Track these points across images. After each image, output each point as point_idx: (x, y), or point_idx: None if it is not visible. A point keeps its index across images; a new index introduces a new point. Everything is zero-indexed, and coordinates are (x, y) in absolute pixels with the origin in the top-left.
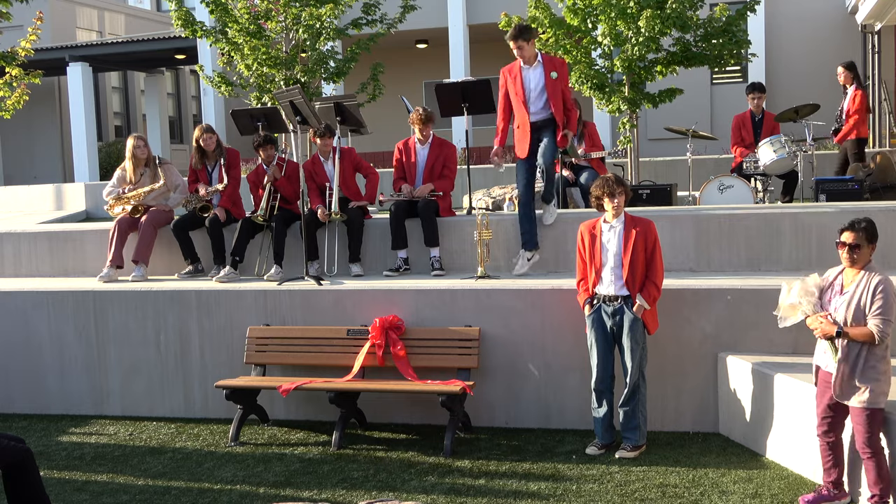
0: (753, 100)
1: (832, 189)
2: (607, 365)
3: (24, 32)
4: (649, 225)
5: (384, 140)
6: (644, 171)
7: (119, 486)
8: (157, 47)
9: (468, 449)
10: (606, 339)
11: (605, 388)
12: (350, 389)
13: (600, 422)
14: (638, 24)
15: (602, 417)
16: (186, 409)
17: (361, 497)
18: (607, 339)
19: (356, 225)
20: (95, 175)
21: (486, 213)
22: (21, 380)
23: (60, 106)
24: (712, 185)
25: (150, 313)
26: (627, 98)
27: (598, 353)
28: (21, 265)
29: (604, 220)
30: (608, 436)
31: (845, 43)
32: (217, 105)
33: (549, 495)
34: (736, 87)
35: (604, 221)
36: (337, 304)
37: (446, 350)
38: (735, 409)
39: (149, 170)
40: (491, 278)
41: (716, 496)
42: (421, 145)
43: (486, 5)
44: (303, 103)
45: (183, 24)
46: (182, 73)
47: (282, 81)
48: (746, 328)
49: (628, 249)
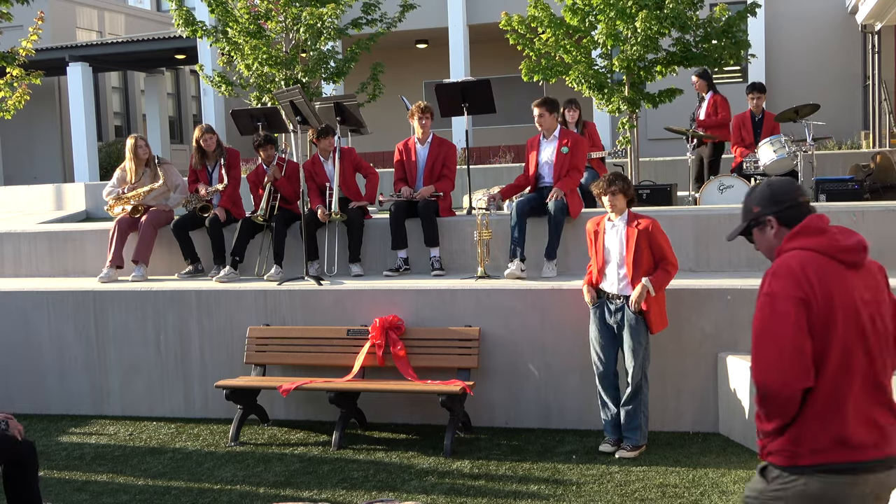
0: (753, 100)
1: (832, 189)
2: (609, 361)
3: (24, 32)
4: (652, 223)
5: (384, 140)
6: (644, 171)
7: (119, 486)
8: (157, 47)
9: (468, 449)
10: (609, 336)
11: (609, 384)
12: (350, 389)
13: (609, 419)
14: (636, 25)
15: (610, 414)
16: (186, 409)
17: (361, 497)
18: (610, 336)
19: (356, 225)
20: (95, 175)
21: (486, 213)
22: (21, 380)
23: (60, 106)
24: (712, 185)
25: (150, 313)
26: (627, 98)
27: (601, 349)
28: (21, 265)
29: (608, 218)
30: (619, 431)
31: (845, 43)
32: (217, 105)
33: (549, 495)
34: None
35: (608, 219)
36: (337, 304)
37: (446, 350)
38: (735, 409)
39: (149, 170)
40: (491, 278)
41: (716, 496)
42: (420, 145)
43: (486, 5)
44: (303, 103)
45: (183, 23)
46: (182, 73)
47: (282, 81)
48: (746, 328)
49: (630, 248)
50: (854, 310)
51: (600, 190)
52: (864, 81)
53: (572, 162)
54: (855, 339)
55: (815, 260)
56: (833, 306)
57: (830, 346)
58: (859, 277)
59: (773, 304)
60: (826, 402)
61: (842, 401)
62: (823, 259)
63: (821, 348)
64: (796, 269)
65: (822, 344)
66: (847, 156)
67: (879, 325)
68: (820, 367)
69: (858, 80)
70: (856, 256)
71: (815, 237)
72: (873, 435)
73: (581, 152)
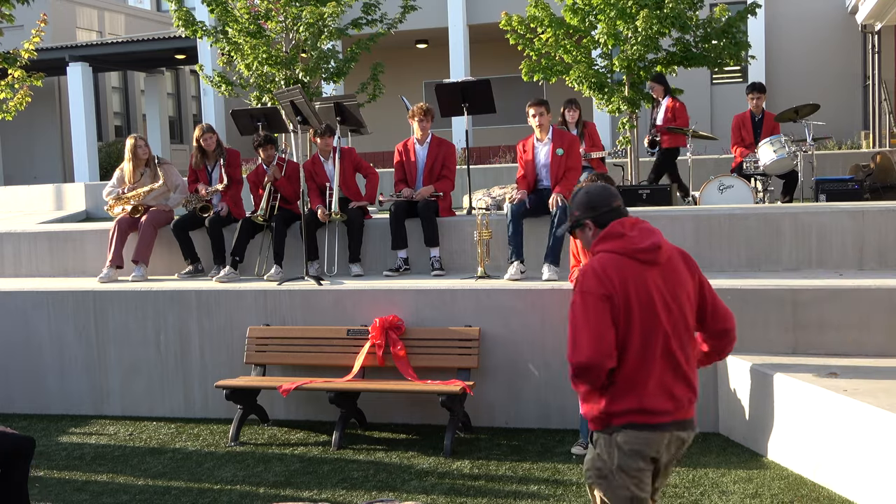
0: (753, 100)
1: (832, 189)
2: None
3: (25, 33)
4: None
5: (384, 140)
6: (644, 172)
7: (119, 486)
8: (157, 47)
9: (468, 449)
10: None
11: None
12: (350, 389)
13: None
14: (636, 24)
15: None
16: (186, 409)
17: (361, 497)
18: None
19: (356, 225)
20: (95, 175)
21: (486, 213)
22: (21, 380)
23: (60, 106)
24: (712, 185)
25: (150, 313)
26: (627, 98)
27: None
28: (21, 265)
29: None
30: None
31: (845, 43)
32: (217, 105)
33: (549, 495)
34: (736, 87)
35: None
36: (337, 304)
37: (446, 350)
38: (735, 409)
39: (149, 170)
40: (491, 278)
41: (716, 496)
42: (420, 145)
43: (486, 5)
44: (303, 103)
45: (183, 24)
46: (182, 73)
47: (282, 81)
48: (746, 328)
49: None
50: (650, 300)
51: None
52: (864, 81)
53: (568, 163)
54: (653, 325)
55: (616, 261)
56: (631, 299)
57: (631, 332)
58: (657, 271)
59: (583, 300)
60: (631, 377)
61: (645, 376)
62: (623, 259)
63: (624, 334)
64: (599, 271)
65: (624, 331)
66: (847, 156)
67: (676, 312)
68: (624, 350)
69: (858, 80)
70: (650, 255)
71: (615, 241)
72: (669, 404)
73: (576, 151)
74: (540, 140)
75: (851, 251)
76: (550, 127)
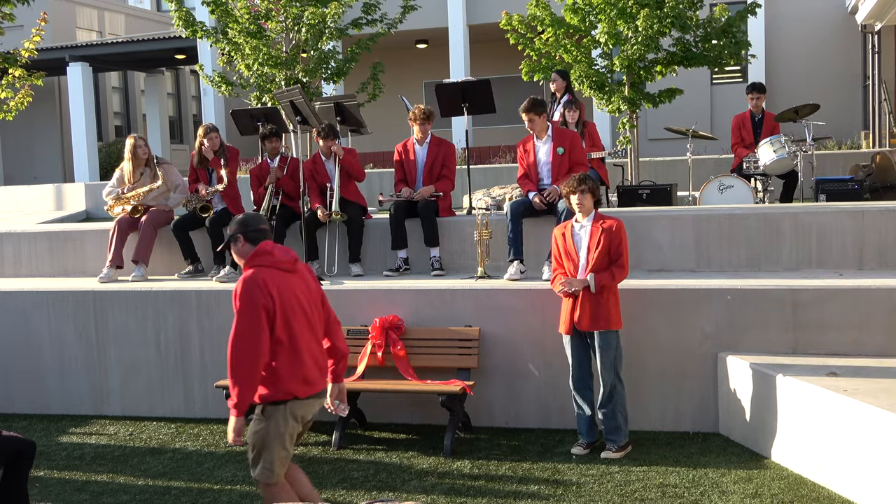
0: (753, 100)
1: (832, 189)
2: (583, 362)
3: (25, 33)
4: (616, 223)
5: (384, 140)
6: (644, 171)
7: (119, 486)
8: (157, 47)
9: (468, 449)
10: (580, 337)
11: (584, 385)
12: (350, 389)
13: (583, 420)
14: (636, 24)
15: (583, 416)
16: (186, 409)
17: (361, 497)
18: (580, 337)
19: (356, 225)
20: (95, 175)
21: (486, 213)
22: (21, 380)
23: (60, 106)
24: (712, 185)
25: (150, 313)
26: (627, 98)
27: (572, 351)
28: (21, 265)
29: (575, 220)
30: (591, 434)
31: (845, 43)
32: (217, 105)
33: (549, 495)
34: (736, 87)
35: (575, 221)
36: (337, 304)
37: (446, 350)
38: (735, 409)
39: (148, 170)
40: (491, 278)
41: (716, 496)
42: (419, 145)
43: (486, 5)
44: (303, 103)
45: (183, 24)
46: (182, 73)
47: (282, 81)
48: (746, 328)
49: (592, 248)
50: (297, 301)
51: (570, 189)
52: (864, 81)
53: (573, 158)
54: (300, 321)
55: (267, 273)
56: (283, 302)
57: (286, 328)
58: (297, 279)
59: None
60: (290, 362)
61: (300, 360)
62: (273, 271)
63: (281, 329)
64: (255, 282)
65: (281, 327)
66: (847, 156)
67: (313, 309)
68: (283, 341)
69: (858, 80)
70: (291, 266)
71: (265, 257)
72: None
73: (579, 148)
74: (540, 139)
75: (851, 251)
76: (549, 126)
